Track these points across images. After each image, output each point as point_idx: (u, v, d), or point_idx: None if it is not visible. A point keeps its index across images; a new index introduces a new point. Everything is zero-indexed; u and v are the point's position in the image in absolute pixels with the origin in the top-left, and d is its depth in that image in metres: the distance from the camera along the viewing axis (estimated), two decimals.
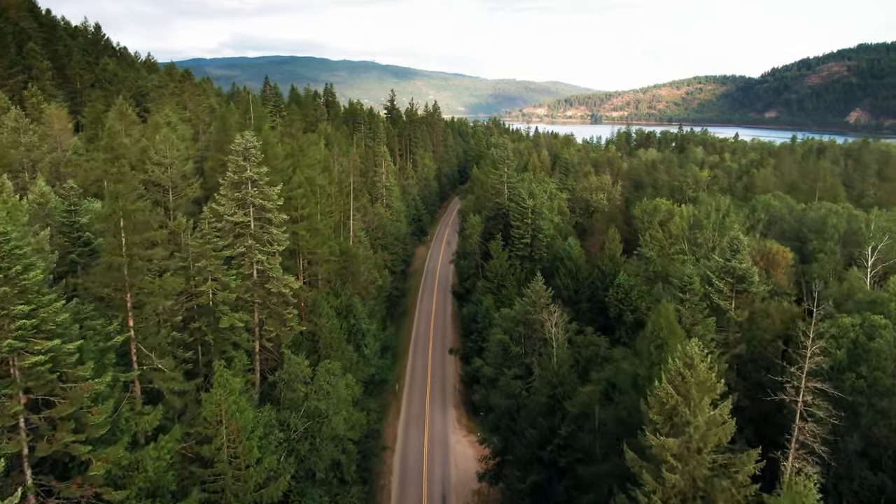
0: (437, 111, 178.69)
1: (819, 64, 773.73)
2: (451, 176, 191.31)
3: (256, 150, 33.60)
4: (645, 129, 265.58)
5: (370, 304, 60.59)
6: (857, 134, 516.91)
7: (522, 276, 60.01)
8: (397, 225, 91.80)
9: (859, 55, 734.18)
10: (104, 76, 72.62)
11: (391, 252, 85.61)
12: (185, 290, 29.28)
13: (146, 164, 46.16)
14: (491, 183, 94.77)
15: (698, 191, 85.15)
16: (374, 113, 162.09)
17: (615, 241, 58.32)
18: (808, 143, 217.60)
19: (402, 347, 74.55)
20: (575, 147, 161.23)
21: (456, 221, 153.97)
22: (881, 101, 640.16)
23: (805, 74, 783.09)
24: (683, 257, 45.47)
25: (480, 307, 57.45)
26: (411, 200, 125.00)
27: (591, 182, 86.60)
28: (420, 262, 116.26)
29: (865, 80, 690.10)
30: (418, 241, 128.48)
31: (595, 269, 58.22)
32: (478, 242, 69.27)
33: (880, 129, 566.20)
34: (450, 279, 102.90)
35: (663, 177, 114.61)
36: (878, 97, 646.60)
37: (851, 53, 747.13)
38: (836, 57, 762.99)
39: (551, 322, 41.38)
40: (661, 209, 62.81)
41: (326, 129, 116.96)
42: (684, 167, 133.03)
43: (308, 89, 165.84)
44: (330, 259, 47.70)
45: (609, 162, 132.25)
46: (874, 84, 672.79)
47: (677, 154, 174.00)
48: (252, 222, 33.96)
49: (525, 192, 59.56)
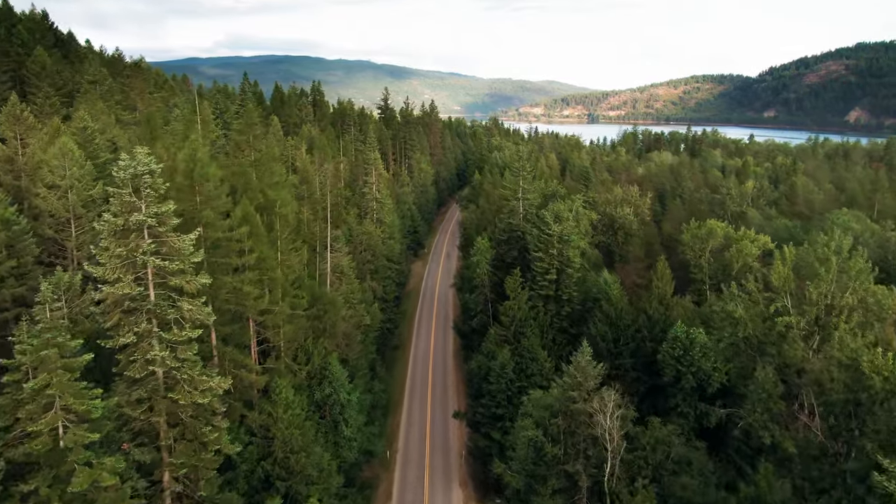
0: (435, 111, 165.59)
1: (817, 63, 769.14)
2: (450, 180, 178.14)
3: (156, 177, 20.79)
4: (651, 129, 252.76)
5: (354, 357, 47.60)
6: (858, 133, 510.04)
7: (546, 322, 47.19)
8: (390, 244, 78.81)
9: (858, 54, 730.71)
10: (33, 70, 59.56)
11: (382, 278, 72.63)
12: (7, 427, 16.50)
13: (37, 185, 32.99)
14: (500, 194, 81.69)
15: (742, 205, 72.45)
16: (365, 113, 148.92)
17: (665, 279, 45.58)
18: (826, 144, 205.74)
19: (396, 396, 61.58)
20: (585, 150, 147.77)
21: (456, 231, 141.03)
22: (881, 100, 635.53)
23: (803, 73, 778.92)
24: (787, 320, 32.45)
25: (494, 363, 44.70)
26: (406, 210, 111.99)
27: (615, 194, 73.84)
28: (417, 281, 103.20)
29: (864, 79, 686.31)
30: (414, 255, 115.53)
31: (640, 315, 45.48)
32: (487, 272, 56.45)
33: (881, 128, 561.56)
34: (450, 303, 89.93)
35: (688, 184, 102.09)
36: (878, 96, 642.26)
37: (850, 52, 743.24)
38: (834, 56, 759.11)
39: (605, 414, 28.63)
40: (716, 234, 50.26)
41: (311, 131, 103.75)
42: (706, 172, 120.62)
43: (294, 87, 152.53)
44: (295, 314, 35.02)
45: (625, 168, 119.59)
46: (873, 83, 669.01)
47: (689, 157, 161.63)
48: (151, 293, 21.22)
49: (550, 216, 46.79)
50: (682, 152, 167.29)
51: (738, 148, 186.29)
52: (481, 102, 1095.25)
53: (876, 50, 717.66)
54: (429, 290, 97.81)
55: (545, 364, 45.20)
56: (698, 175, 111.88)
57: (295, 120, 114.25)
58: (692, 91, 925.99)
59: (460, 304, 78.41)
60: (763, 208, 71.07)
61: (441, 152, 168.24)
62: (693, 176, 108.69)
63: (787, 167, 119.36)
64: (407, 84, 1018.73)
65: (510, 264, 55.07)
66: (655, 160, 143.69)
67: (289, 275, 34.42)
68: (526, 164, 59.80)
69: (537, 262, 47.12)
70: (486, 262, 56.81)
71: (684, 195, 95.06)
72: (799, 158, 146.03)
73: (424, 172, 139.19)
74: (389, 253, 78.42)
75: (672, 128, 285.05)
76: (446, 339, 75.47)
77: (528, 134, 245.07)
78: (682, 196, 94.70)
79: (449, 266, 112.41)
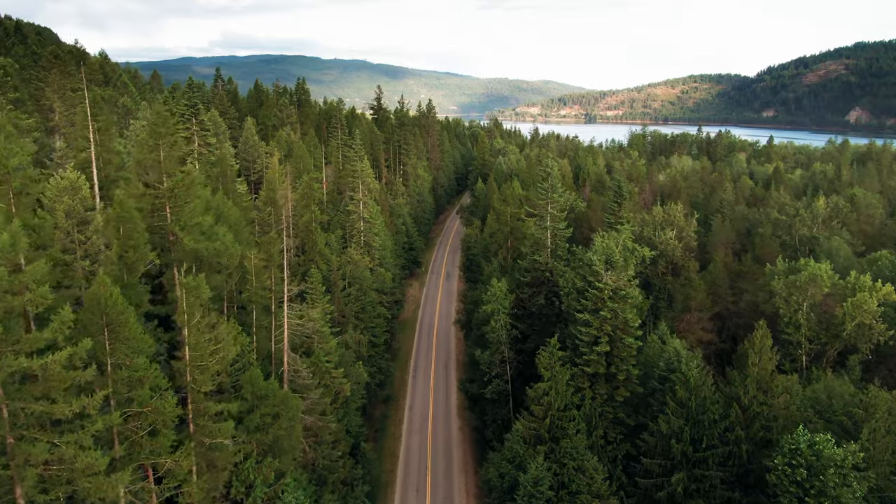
0: (432, 111, 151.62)
1: (816, 63, 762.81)
2: (448, 186, 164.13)
3: None
4: (660, 129, 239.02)
5: (324, 459, 33.76)
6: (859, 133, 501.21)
7: (596, 411, 33.40)
8: (380, 272, 65.00)
9: (857, 53, 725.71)
10: None
11: (371, 318, 58.90)
12: None
13: None
14: (513, 213, 68.01)
15: (814, 228, 58.82)
16: (356, 114, 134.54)
17: (765, 353, 31.90)
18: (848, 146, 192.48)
19: (386, 476, 47.82)
20: (600, 155, 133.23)
21: (456, 246, 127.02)
22: (882, 99, 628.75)
23: (802, 73, 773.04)
24: None
25: (524, 477, 31.03)
26: (401, 225, 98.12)
27: (655, 215, 60.28)
28: (413, 307, 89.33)
29: (864, 78, 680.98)
30: (410, 275, 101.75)
31: (732, 406, 31.87)
32: (505, 325, 42.76)
33: (882, 128, 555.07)
34: (452, 341, 76.23)
35: (726, 196, 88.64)
36: (879, 96, 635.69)
37: (849, 52, 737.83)
38: (833, 55, 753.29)
39: None
40: (821, 282, 36.75)
41: (291, 135, 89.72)
42: (739, 181, 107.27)
43: (277, 86, 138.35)
44: (216, 447, 21.25)
45: (648, 177, 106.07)
46: (874, 83, 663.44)
47: (711, 161, 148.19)
48: None
49: (599, 259, 32.86)
50: (703, 156, 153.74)
51: (760, 151, 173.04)
52: (478, 102, 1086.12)
53: (875, 49, 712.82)
54: (427, 320, 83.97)
55: (596, 476, 31.54)
56: (728, 184, 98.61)
57: (274, 122, 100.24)
58: (690, 91, 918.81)
59: (466, 352, 64.68)
60: (839, 232, 57.42)
61: (439, 156, 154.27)
62: (725, 185, 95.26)
63: (828, 175, 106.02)
64: (403, 84, 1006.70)
65: (536, 315, 41.27)
66: (676, 166, 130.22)
67: (203, 384, 20.64)
68: (557, 183, 45.69)
69: (582, 328, 33.38)
70: (506, 312, 43.04)
71: (724, 210, 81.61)
72: (831, 162, 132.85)
73: (421, 179, 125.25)
74: (380, 284, 64.68)
75: (671, 128, 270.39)
76: (448, 392, 61.72)
77: (530, 134, 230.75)
78: (721, 212, 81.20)
79: (450, 288, 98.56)
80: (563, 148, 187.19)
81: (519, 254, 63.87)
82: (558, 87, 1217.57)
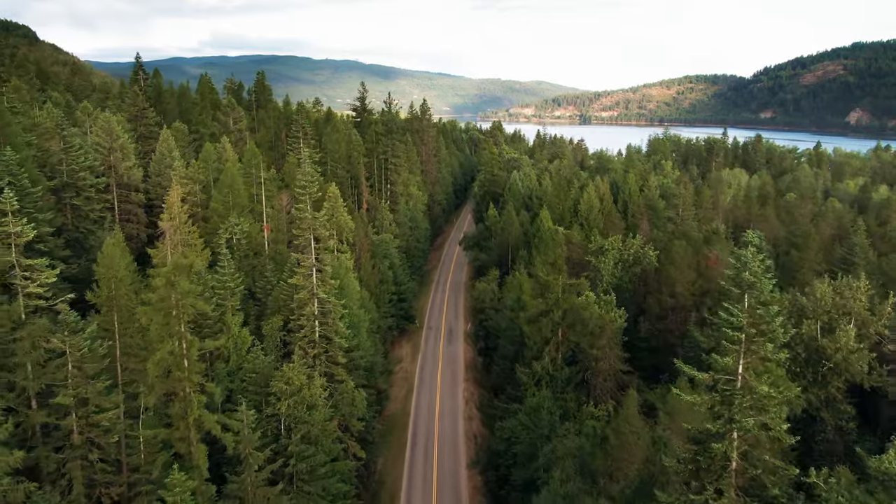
0: (427, 113, 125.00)
1: (813, 63, 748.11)
2: (447, 203, 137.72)
3: None
4: (681, 132, 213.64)
5: None
6: (860, 135, 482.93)
7: None
8: (343, 388, 38.40)
9: (855, 54, 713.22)
10: None
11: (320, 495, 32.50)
12: None
13: None
14: (564, 283, 42.28)
15: None
16: (333, 118, 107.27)
17: None
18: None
19: None
20: (639, 168, 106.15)
21: (457, 279, 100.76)
22: (882, 100, 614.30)
23: (800, 73, 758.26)
24: None
25: None
26: (387, 270, 71.68)
27: (821, 293, 34.71)
28: (403, 394, 62.55)
29: (864, 79, 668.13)
30: (400, 334, 75.46)
31: None
32: None
33: (884, 129, 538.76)
34: (462, 468, 49.71)
35: (861, 241, 62.15)
36: (879, 96, 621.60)
37: (846, 52, 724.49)
38: (830, 56, 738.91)
39: None
40: None
41: (225, 150, 62.63)
42: (827, 207, 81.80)
43: (231, 82, 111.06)
44: None
45: (712, 201, 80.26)
46: (874, 83, 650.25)
47: (765, 175, 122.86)
48: None
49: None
50: (762, 170, 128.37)
51: (811, 160, 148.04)
52: (470, 103, 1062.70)
53: (874, 49, 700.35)
54: (422, 424, 56.72)
55: None
56: (856, 221, 68.90)
57: (213, 130, 73.29)
58: (686, 91, 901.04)
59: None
60: None
61: (436, 167, 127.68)
62: (855, 224, 67.89)
63: None
64: (395, 84, 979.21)
65: None
66: (731, 182, 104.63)
67: None
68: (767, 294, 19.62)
69: None
70: None
71: (857, 260, 56.04)
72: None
73: (415, 199, 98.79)
74: (357, 377, 38.36)
75: (671, 129, 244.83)
76: None
77: (541, 138, 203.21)
78: (853, 263, 55.58)
79: (453, 355, 71.90)
80: (576, 155, 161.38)
81: (575, 352, 37.84)
82: (551, 87, 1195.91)
